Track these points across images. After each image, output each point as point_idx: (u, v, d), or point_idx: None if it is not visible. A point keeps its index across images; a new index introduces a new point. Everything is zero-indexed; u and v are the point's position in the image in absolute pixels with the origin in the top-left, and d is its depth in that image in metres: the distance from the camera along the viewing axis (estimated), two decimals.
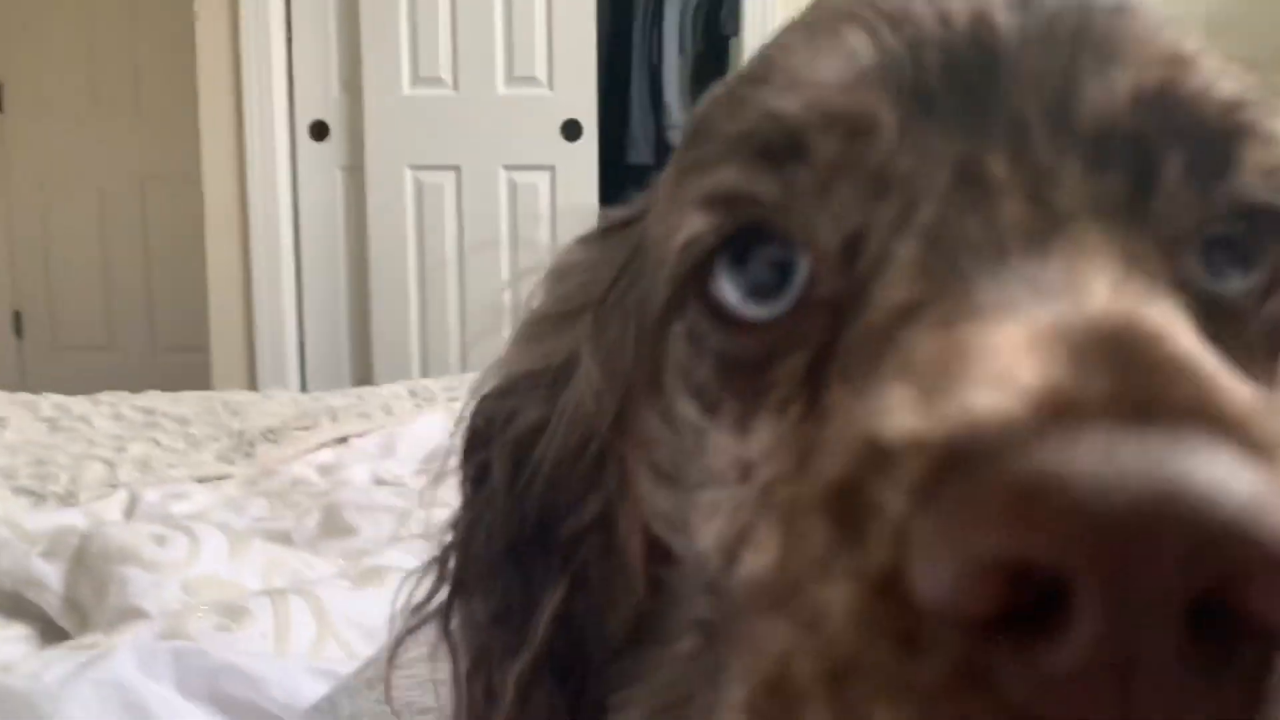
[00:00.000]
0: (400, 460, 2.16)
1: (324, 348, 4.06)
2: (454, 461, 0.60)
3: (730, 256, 0.46)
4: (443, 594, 0.60)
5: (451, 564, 0.60)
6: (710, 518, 0.48)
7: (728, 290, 0.46)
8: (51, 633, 1.42)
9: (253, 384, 3.84)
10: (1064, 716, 0.27)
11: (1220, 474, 0.27)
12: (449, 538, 0.61)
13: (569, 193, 3.78)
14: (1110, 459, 0.27)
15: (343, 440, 2.35)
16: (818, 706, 0.31)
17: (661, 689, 0.56)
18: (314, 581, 1.50)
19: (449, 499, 0.62)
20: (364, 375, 3.91)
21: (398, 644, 0.62)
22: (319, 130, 3.97)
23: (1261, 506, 0.27)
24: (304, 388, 3.84)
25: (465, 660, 0.59)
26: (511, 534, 0.58)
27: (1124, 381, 0.30)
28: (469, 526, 0.59)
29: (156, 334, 5.11)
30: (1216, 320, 0.43)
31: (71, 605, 1.45)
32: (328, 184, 4.00)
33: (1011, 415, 0.29)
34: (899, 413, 0.32)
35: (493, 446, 0.59)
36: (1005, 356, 0.32)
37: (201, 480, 2.10)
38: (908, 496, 0.30)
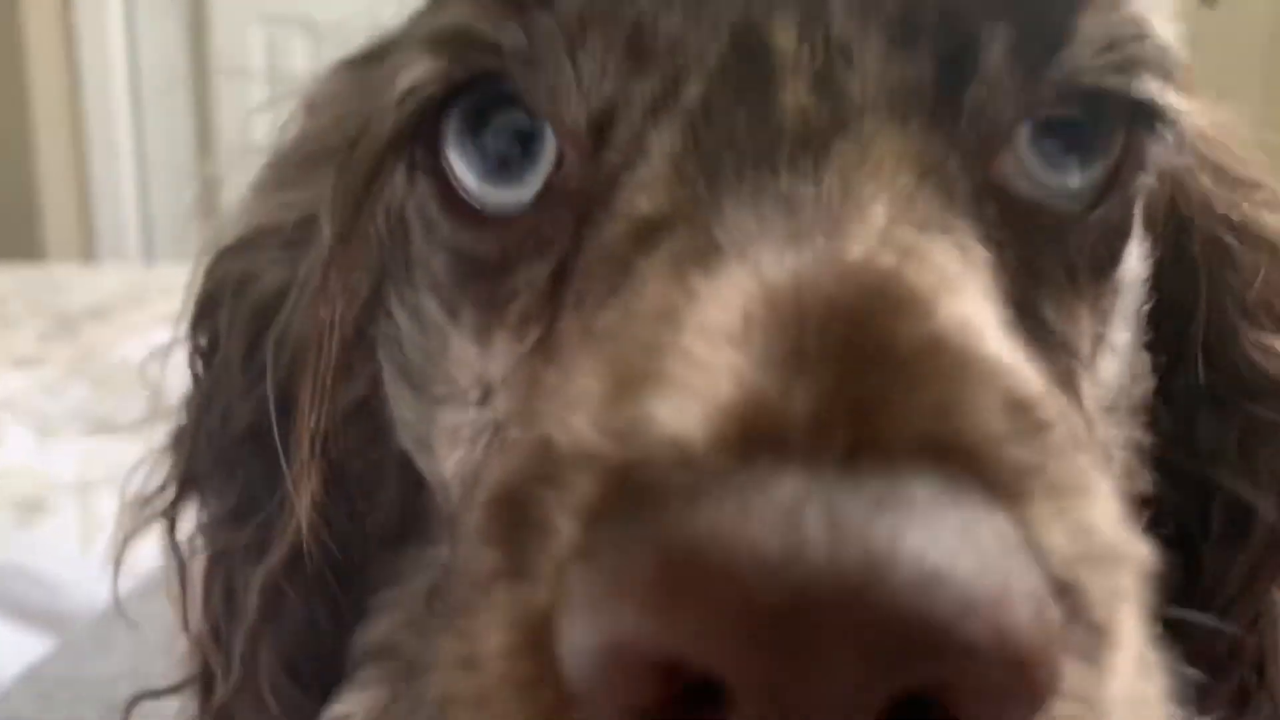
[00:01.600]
0: None
1: (170, 215, 3.87)
2: (181, 330, 0.55)
3: (464, 119, 0.41)
4: (173, 487, 0.55)
5: (184, 452, 0.55)
6: (452, 445, 0.44)
7: (461, 168, 0.41)
8: None
9: (88, 255, 3.65)
10: None
11: (932, 548, 0.22)
12: (181, 421, 0.55)
13: None
14: (788, 524, 0.22)
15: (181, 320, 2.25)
16: None
17: (420, 595, 0.52)
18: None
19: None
20: None
21: (124, 544, 0.57)
22: None
23: (977, 595, 0.22)
24: (150, 260, 3.67)
25: (201, 563, 0.54)
26: (251, 418, 0.53)
27: (842, 394, 0.25)
28: (200, 409, 0.54)
29: None
30: (1038, 231, 0.40)
31: None
32: (168, 31, 3.77)
33: (690, 444, 0.25)
34: (581, 413, 0.28)
35: (223, 314, 0.53)
36: (715, 346, 0.27)
37: (16, 363, 1.99)
38: (576, 525, 0.26)
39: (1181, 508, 0.50)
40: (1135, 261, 0.46)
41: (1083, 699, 0.25)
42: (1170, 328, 0.49)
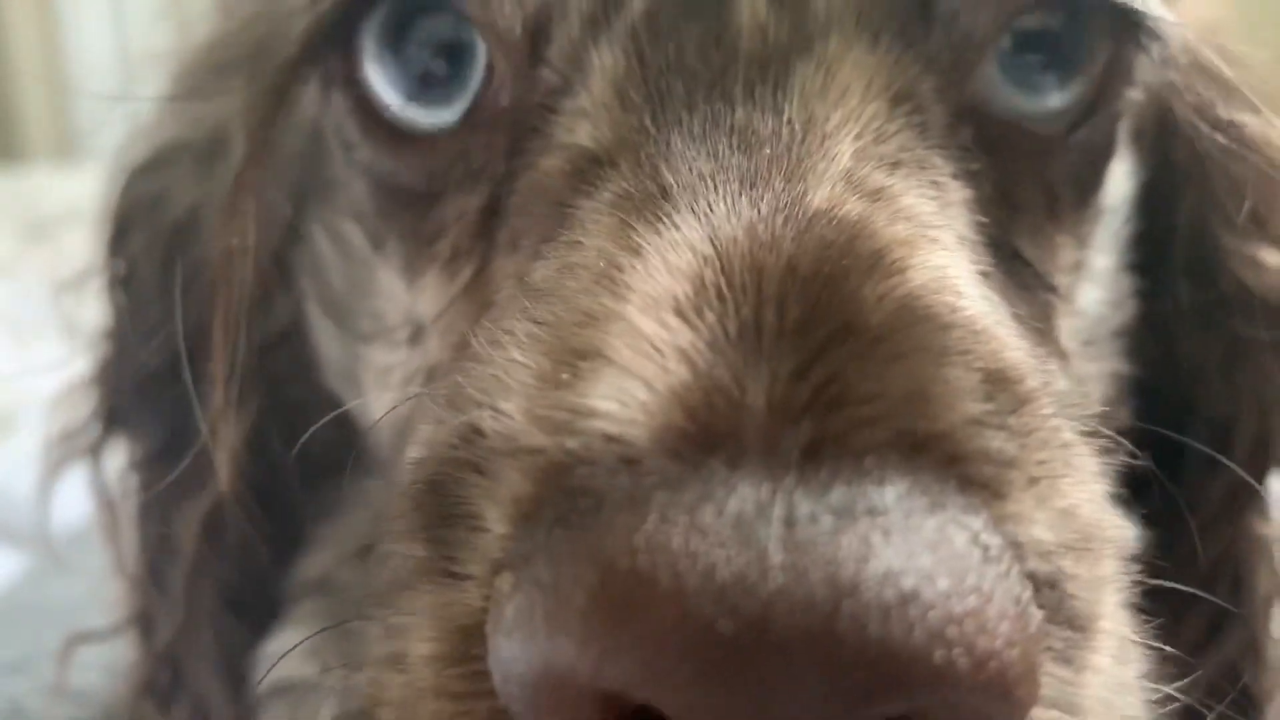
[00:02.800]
0: None
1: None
2: (98, 257, 0.52)
3: (384, 27, 0.38)
4: (97, 425, 0.53)
5: (107, 387, 0.53)
6: (381, 387, 0.43)
7: (381, 83, 0.38)
8: None
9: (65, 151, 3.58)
10: None
11: (905, 566, 0.20)
12: (103, 353, 0.53)
13: None
14: (742, 540, 0.20)
15: None
16: None
17: (357, 529, 0.51)
18: None
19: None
20: None
21: (49, 482, 0.55)
22: None
23: (954, 616, 0.20)
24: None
25: (132, 505, 0.53)
26: (172, 349, 0.51)
27: (803, 379, 0.23)
28: (120, 340, 0.52)
29: None
30: (1017, 156, 0.37)
31: None
32: None
33: (632, 442, 0.22)
34: (513, 395, 0.26)
35: (137, 238, 0.50)
36: (663, 319, 0.25)
37: None
38: (506, 522, 0.24)
39: (1161, 434, 0.48)
40: (1119, 181, 0.43)
41: (1063, 703, 0.24)
42: (1154, 248, 0.47)
